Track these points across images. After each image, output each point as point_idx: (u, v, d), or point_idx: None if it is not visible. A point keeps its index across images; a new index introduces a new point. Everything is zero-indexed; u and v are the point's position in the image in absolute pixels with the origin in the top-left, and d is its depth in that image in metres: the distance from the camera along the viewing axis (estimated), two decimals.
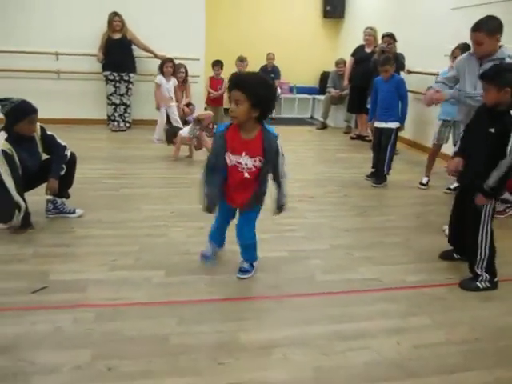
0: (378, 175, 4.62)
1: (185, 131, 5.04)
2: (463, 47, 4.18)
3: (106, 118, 6.51)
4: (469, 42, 4.34)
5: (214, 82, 6.46)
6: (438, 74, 5.72)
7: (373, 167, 4.82)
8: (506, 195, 3.84)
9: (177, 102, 6.13)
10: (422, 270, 2.85)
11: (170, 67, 6.00)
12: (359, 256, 3.00)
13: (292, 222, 3.46)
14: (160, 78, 5.94)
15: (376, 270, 2.82)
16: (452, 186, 4.47)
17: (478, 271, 2.65)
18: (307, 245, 3.10)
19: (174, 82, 6.09)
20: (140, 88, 6.60)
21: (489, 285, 2.64)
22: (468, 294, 2.60)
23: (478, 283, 2.65)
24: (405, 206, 4.06)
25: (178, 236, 3.13)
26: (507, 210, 3.85)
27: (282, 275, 2.68)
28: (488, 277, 2.64)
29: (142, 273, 2.61)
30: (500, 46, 3.01)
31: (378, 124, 4.73)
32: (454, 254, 2.94)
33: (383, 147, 4.60)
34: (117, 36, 6.23)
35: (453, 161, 2.81)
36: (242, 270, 2.61)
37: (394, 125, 4.59)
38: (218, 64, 6.33)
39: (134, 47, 6.39)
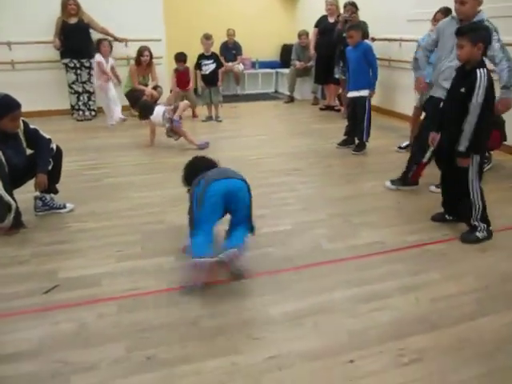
0: (358, 143, 4.71)
1: (157, 117, 4.87)
2: (445, 11, 4.27)
3: (69, 107, 6.23)
4: (434, 5, 4.49)
5: (182, 74, 6.25)
6: (401, 40, 5.89)
7: (345, 134, 4.91)
8: None
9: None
10: (419, 230, 2.98)
11: (107, 46, 5.95)
12: (358, 222, 3.09)
13: (286, 195, 3.51)
14: (99, 56, 5.87)
15: (377, 234, 2.92)
16: (403, 145, 4.70)
17: (476, 223, 2.81)
18: (306, 216, 3.16)
19: (111, 62, 6.02)
20: None
21: (486, 234, 2.82)
22: (467, 247, 2.75)
23: (477, 233, 2.82)
24: (388, 170, 4.15)
25: (176, 220, 3.09)
26: (484, 166, 4.04)
27: (291, 247, 2.72)
28: (484, 226, 2.82)
29: (151, 260, 2.58)
30: (478, 11, 3.10)
31: (350, 94, 4.80)
32: (446, 216, 3.08)
33: (360, 117, 4.68)
34: (73, 20, 5.91)
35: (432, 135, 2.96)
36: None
37: (365, 92, 4.67)
38: (181, 59, 6.10)
39: (91, 31, 6.09)
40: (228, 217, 2.49)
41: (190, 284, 2.28)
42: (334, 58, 6.14)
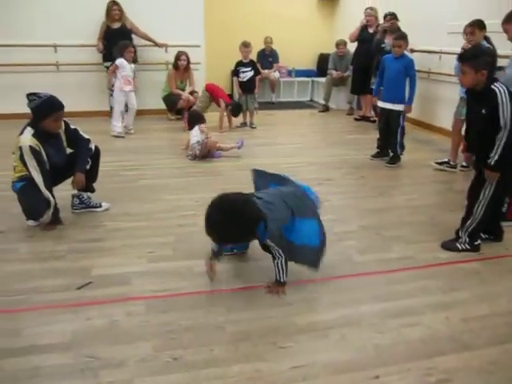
0: (392, 156, 4.66)
1: (195, 138, 4.75)
2: (476, 24, 4.19)
3: (108, 109, 6.42)
4: (474, 17, 4.39)
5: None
6: (441, 52, 5.78)
7: (378, 147, 4.86)
8: None
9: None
10: None
11: (132, 52, 5.74)
12: (389, 235, 3.05)
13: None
14: (121, 61, 5.61)
15: (408, 249, 2.87)
16: (439, 161, 4.55)
17: (460, 233, 2.86)
18: (337, 227, 3.13)
19: (133, 67, 5.82)
20: (142, 78, 6.49)
21: (468, 247, 2.84)
22: (501, 268, 2.68)
23: (457, 244, 2.86)
24: (423, 184, 4.10)
25: None
26: None
27: None
28: (467, 240, 2.84)
29: (182, 263, 2.63)
30: None
31: (383, 104, 4.75)
32: (481, 235, 2.99)
33: (393, 130, 4.62)
34: (116, 25, 6.12)
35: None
36: None
37: (400, 107, 4.61)
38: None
39: (133, 36, 6.27)
40: None
41: None
42: (371, 68, 6.09)
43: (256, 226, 2.16)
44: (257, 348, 1.94)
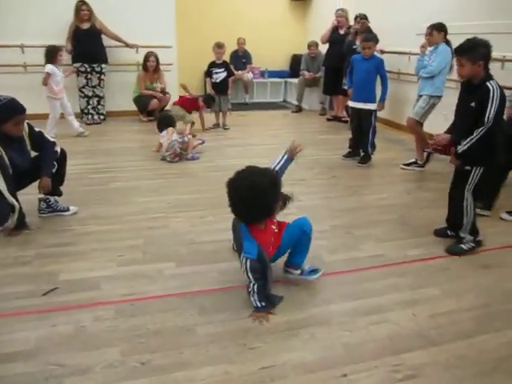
0: (363, 155, 4.71)
1: (166, 141, 4.73)
2: (439, 26, 4.31)
3: (79, 111, 6.30)
4: (442, 19, 4.50)
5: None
6: (410, 53, 5.89)
7: (349, 147, 4.93)
8: None
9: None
10: (422, 244, 2.96)
11: (62, 56, 5.45)
12: (360, 234, 3.08)
13: (288, 205, 3.50)
14: (52, 68, 5.29)
15: (378, 247, 2.91)
16: (407, 162, 4.65)
17: (462, 234, 2.87)
18: None
19: (62, 72, 5.51)
20: (112, 79, 6.43)
21: (473, 244, 2.87)
22: (469, 264, 2.73)
23: (462, 246, 2.87)
24: (393, 183, 4.17)
25: (179, 226, 3.11)
26: None
27: None
28: (471, 238, 2.87)
29: (152, 266, 2.59)
30: None
31: (354, 104, 4.81)
32: (448, 232, 3.06)
33: (365, 130, 4.70)
34: (85, 26, 6.01)
35: (442, 134, 2.97)
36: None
37: (372, 106, 4.68)
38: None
39: (103, 37, 6.18)
40: None
41: None
42: (342, 69, 6.14)
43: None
44: (226, 350, 1.93)
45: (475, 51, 2.61)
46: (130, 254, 2.71)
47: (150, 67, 6.25)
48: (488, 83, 2.60)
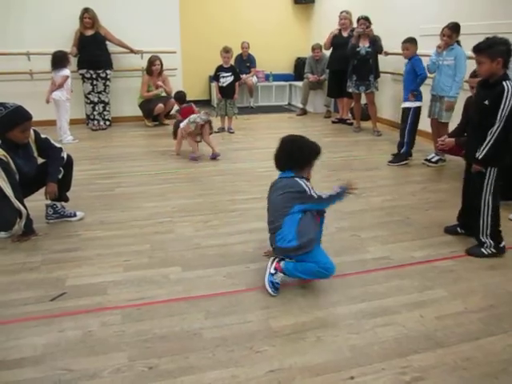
0: (396, 154, 4.81)
1: (184, 123, 4.87)
2: (453, 26, 4.31)
3: (84, 117, 6.36)
4: (447, 20, 4.50)
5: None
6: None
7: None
8: None
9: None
10: (427, 246, 2.95)
11: (70, 59, 5.69)
12: (366, 237, 3.07)
13: None
14: (68, 71, 5.57)
15: (384, 249, 2.90)
16: (429, 157, 4.69)
17: (483, 239, 2.80)
18: None
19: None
20: (117, 84, 6.47)
21: (494, 250, 2.81)
22: (476, 265, 2.72)
23: (482, 249, 2.82)
24: (398, 185, 4.16)
25: (185, 231, 3.12)
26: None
27: None
28: (492, 243, 2.79)
29: (158, 271, 2.60)
30: None
31: (402, 104, 4.88)
32: (458, 229, 3.05)
33: (403, 128, 4.78)
34: (89, 32, 6.06)
35: (447, 139, 3.00)
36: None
37: (410, 104, 4.71)
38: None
39: (108, 43, 6.23)
40: None
41: None
42: (346, 71, 6.16)
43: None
44: (233, 353, 1.93)
45: (493, 48, 2.61)
46: (136, 259, 2.72)
47: (155, 71, 6.28)
48: (504, 82, 2.59)
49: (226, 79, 6.11)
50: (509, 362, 1.90)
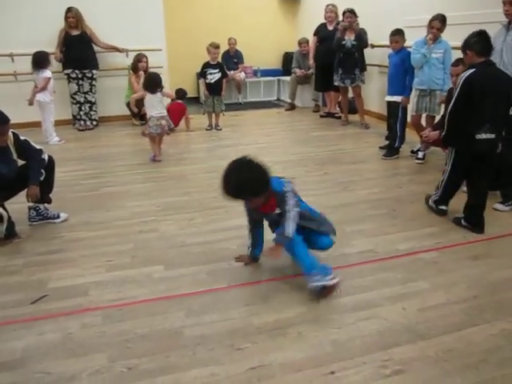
0: (389, 148, 4.79)
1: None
2: (443, 19, 4.29)
3: (71, 117, 6.30)
4: (431, 11, 4.48)
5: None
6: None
7: (386, 139, 5.05)
8: None
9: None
10: (412, 238, 2.95)
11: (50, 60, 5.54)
12: (351, 230, 3.07)
13: None
14: (50, 73, 5.47)
15: (369, 242, 2.90)
16: (419, 156, 4.65)
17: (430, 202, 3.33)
18: None
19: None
20: (104, 84, 6.42)
21: (433, 206, 3.29)
22: (458, 256, 2.72)
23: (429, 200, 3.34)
24: (385, 177, 4.16)
25: (169, 229, 3.10)
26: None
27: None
28: (434, 207, 3.29)
29: (141, 270, 2.59)
30: None
31: (386, 98, 4.92)
32: (462, 222, 3.11)
33: (393, 122, 4.78)
34: (75, 32, 6.00)
35: (431, 133, 3.10)
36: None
37: (398, 98, 4.71)
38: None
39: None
40: None
41: None
42: (333, 65, 6.13)
43: (268, 178, 2.26)
44: (214, 351, 1.92)
45: (464, 42, 2.94)
46: (119, 259, 2.70)
47: (142, 68, 6.23)
48: (463, 72, 2.93)
49: (214, 76, 6.07)
50: (489, 353, 1.90)
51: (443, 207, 3.26)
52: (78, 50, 6.00)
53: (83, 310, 2.21)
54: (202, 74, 6.12)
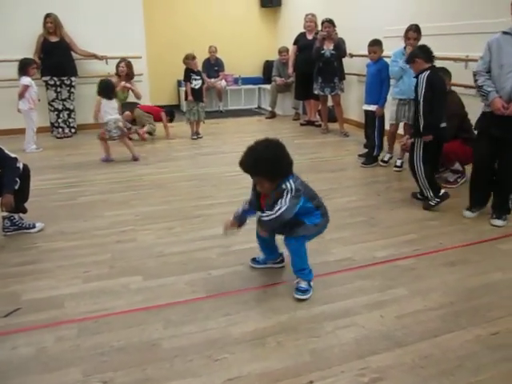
0: (368, 156, 4.84)
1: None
2: (416, 29, 4.38)
3: (49, 125, 6.21)
4: (410, 22, 4.56)
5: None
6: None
7: (364, 147, 5.09)
8: (456, 165, 4.07)
9: None
10: (390, 245, 2.98)
11: (35, 68, 5.51)
12: (330, 238, 3.07)
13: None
14: (29, 80, 5.37)
15: (347, 250, 2.92)
16: (386, 158, 4.84)
17: (425, 193, 3.55)
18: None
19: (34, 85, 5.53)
20: (83, 91, 6.35)
21: (438, 200, 3.50)
22: (436, 262, 2.76)
23: (430, 202, 3.53)
24: (364, 185, 4.20)
25: (148, 239, 3.07)
26: (458, 180, 4.09)
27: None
28: (433, 195, 3.51)
29: (118, 280, 2.55)
30: None
31: (363, 107, 5.00)
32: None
33: (370, 130, 4.85)
34: (54, 39, 5.96)
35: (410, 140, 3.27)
36: (299, 289, 2.37)
37: (375, 107, 4.78)
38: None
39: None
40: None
41: None
42: (313, 74, 6.19)
43: (288, 170, 2.32)
44: (191, 363, 1.90)
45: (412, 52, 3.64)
46: (96, 270, 2.66)
47: (121, 72, 6.19)
48: (422, 73, 3.42)
49: (198, 82, 6.09)
50: (465, 358, 1.92)
51: (442, 191, 3.51)
52: (56, 57, 5.95)
53: (58, 323, 2.17)
54: (188, 78, 6.09)
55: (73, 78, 6.18)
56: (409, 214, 3.46)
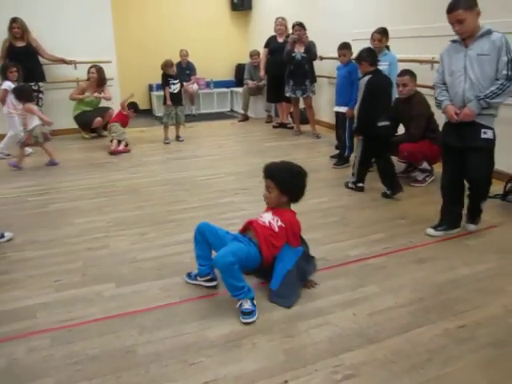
0: (339, 157, 4.95)
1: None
2: (382, 31, 4.49)
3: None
4: (377, 25, 4.67)
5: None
6: None
7: (336, 148, 5.19)
8: (425, 165, 4.18)
9: None
10: (361, 244, 3.04)
11: (15, 71, 5.40)
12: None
13: (232, 215, 3.51)
14: (9, 84, 5.29)
15: (320, 250, 2.95)
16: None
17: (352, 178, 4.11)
18: None
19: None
20: (52, 97, 6.24)
21: (353, 186, 4.09)
22: (405, 259, 2.83)
23: (350, 184, 4.12)
24: (336, 186, 4.26)
25: (120, 245, 3.05)
26: (427, 179, 4.20)
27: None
28: (354, 184, 4.08)
29: (91, 288, 2.52)
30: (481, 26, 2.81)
31: (334, 108, 5.11)
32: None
33: (341, 132, 4.97)
34: (20, 44, 5.83)
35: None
36: (243, 312, 2.22)
37: (346, 109, 4.89)
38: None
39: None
40: None
41: None
42: (284, 76, 6.25)
43: (299, 192, 2.61)
44: (167, 368, 1.90)
45: (358, 55, 3.96)
46: (68, 278, 2.62)
47: (90, 78, 6.12)
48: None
49: (176, 86, 6.07)
50: (434, 352, 1.99)
51: (360, 184, 4.05)
52: (23, 63, 5.77)
53: (30, 334, 2.13)
54: (166, 83, 6.05)
55: (41, 84, 6.06)
56: (379, 214, 3.55)
